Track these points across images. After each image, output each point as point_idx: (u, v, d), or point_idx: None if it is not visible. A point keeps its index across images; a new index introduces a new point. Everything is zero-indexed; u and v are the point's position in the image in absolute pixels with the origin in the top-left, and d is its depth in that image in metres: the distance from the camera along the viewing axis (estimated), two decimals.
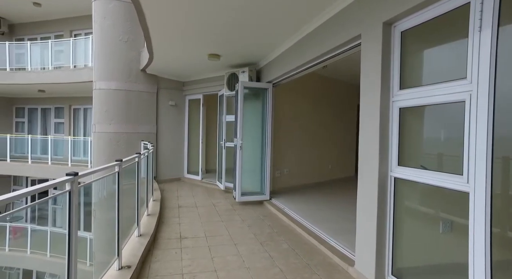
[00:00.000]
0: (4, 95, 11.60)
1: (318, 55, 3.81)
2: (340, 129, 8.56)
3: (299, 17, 3.83)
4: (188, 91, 8.37)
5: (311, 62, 4.14)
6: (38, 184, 1.58)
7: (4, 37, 11.55)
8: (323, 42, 3.66)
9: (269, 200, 5.96)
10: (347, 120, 8.86)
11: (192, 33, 4.72)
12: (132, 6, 7.17)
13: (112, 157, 7.23)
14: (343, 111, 8.67)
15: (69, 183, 1.85)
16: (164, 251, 3.55)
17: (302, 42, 4.30)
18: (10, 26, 11.85)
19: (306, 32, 4.12)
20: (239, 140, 5.85)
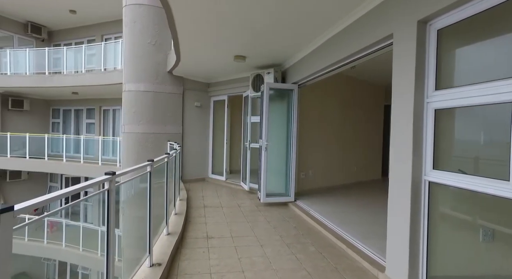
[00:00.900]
0: (43, 97, 12.33)
1: (346, 56, 3.73)
2: (367, 131, 8.36)
3: (327, 17, 3.77)
4: (213, 92, 8.49)
5: (339, 63, 4.07)
6: (81, 183, 1.66)
7: (44, 44, 12.28)
8: (352, 42, 3.59)
9: (293, 202, 5.92)
10: (374, 121, 8.64)
11: (220, 36, 4.78)
12: (160, 10, 7.41)
13: (140, 157, 7.48)
14: (370, 112, 8.46)
15: (107, 182, 1.92)
16: (192, 250, 3.62)
17: (330, 43, 4.23)
18: (49, 33, 12.60)
19: (334, 32, 4.05)
20: (264, 141, 5.85)
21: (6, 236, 1.06)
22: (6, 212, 1.06)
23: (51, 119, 13.04)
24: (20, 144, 10.74)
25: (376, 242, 3.62)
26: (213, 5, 3.61)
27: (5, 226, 1.06)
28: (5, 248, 1.06)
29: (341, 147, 7.65)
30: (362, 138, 8.20)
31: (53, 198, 1.33)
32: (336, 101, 7.47)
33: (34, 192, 12.32)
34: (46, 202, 1.28)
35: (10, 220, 1.08)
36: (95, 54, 10.37)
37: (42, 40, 12.44)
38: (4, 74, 10.79)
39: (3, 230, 1.05)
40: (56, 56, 10.76)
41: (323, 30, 4.21)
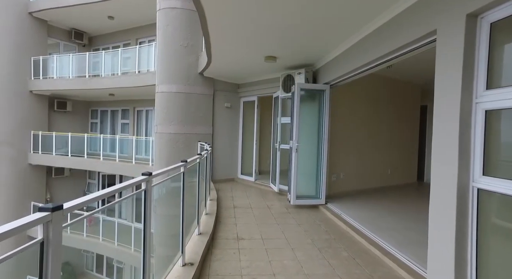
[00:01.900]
0: (83, 99, 13.07)
1: (383, 54, 3.57)
2: (401, 132, 7.99)
3: (362, 15, 3.64)
4: (243, 93, 8.53)
5: (375, 62, 3.90)
6: (118, 182, 1.71)
7: (85, 49, 13.04)
8: (390, 40, 3.43)
9: (324, 205, 5.78)
10: (410, 122, 8.25)
11: (251, 37, 4.78)
12: (192, 13, 7.57)
13: (171, 157, 7.68)
14: (405, 112, 8.09)
15: (144, 182, 1.96)
16: (223, 250, 3.64)
17: (365, 41, 4.08)
18: (90, 38, 13.36)
19: (370, 30, 3.89)
20: (295, 143, 5.77)
21: (57, 232, 1.11)
22: (57, 211, 1.10)
23: (90, 119, 13.79)
24: (63, 143, 11.45)
25: (414, 250, 3.43)
26: (245, 6, 3.61)
27: (56, 223, 1.10)
28: (57, 242, 1.11)
29: (375, 149, 7.37)
30: (396, 140, 7.85)
31: (96, 198, 1.38)
32: (369, 101, 7.21)
33: (74, 188, 13.11)
34: (90, 201, 1.33)
35: (60, 217, 1.13)
36: (130, 57, 10.81)
37: (84, 45, 13.20)
38: (51, 78, 11.57)
39: (55, 227, 1.09)
40: (95, 60, 11.36)
41: (359, 28, 4.06)
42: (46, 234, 1.08)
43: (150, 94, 8.97)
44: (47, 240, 1.08)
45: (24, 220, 0.98)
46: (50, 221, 1.07)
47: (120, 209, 12.24)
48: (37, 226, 1.05)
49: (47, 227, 1.07)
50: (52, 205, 1.09)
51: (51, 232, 1.08)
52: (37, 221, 1.02)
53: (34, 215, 1.03)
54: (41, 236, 1.07)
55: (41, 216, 1.04)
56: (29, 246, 1.02)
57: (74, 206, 1.20)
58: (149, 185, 2.00)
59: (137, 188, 1.98)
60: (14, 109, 11.41)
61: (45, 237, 1.08)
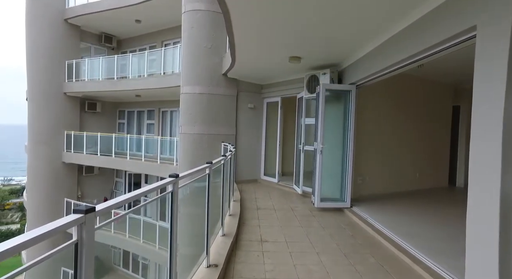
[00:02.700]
0: (111, 100, 13.57)
1: (415, 53, 3.41)
2: (431, 133, 7.65)
3: (394, 10, 3.50)
4: (266, 94, 8.50)
5: (406, 61, 3.73)
6: (148, 181, 1.73)
7: (114, 52, 13.55)
8: (423, 37, 3.25)
9: (350, 208, 5.63)
10: (441, 123, 7.88)
11: (276, 38, 4.75)
12: (216, 15, 7.64)
13: (195, 157, 7.78)
14: (436, 113, 7.74)
15: (171, 184, 1.98)
16: (247, 252, 3.62)
17: (395, 39, 3.92)
18: (118, 42, 13.86)
19: (401, 27, 3.72)
20: (320, 144, 5.67)
21: (90, 234, 1.12)
22: (90, 213, 1.11)
23: (118, 119, 14.29)
24: (93, 142, 11.94)
25: (448, 260, 3.24)
26: (271, 6, 3.58)
27: (89, 225, 1.12)
28: (90, 243, 1.13)
29: (403, 152, 7.10)
30: (426, 142, 7.52)
31: (126, 200, 1.39)
32: (397, 101, 6.96)
33: (103, 186, 13.64)
34: (120, 203, 1.34)
35: (93, 219, 1.14)
36: (155, 59, 11.10)
37: (113, 48, 13.71)
38: (82, 80, 12.11)
39: (88, 229, 1.11)
40: (123, 62, 11.77)
41: (390, 24, 3.87)
42: (80, 235, 1.09)
43: (174, 95, 9.16)
44: (81, 241, 1.10)
45: (59, 222, 0.99)
46: (83, 223, 1.09)
47: (146, 208, 12.58)
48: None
49: (80, 229, 1.09)
50: (85, 207, 1.10)
51: (85, 234, 1.10)
52: (71, 223, 1.04)
53: (68, 217, 1.05)
54: (75, 237, 1.09)
55: (76, 218, 1.05)
56: (64, 247, 1.04)
57: (106, 208, 1.22)
58: (176, 187, 2.01)
59: (164, 189, 1.99)
60: (50, 110, 12.05)
61: (79, 239, 1.09)
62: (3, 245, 0.79)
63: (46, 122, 12.07)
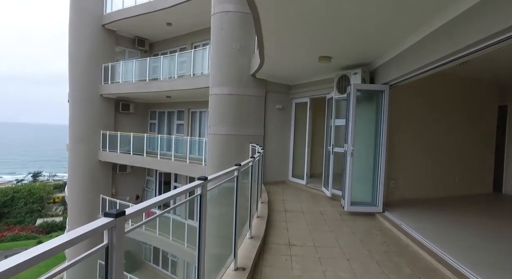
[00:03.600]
0: (143, 101, 14.09)
1: (459, 49, 3.16)
2: (473, 135, 7.14)
3: (432, 6, 3.27)
4: (295, 95, 8.39)
5: (447, 59, 3.48)
6: (183, 186, 1.72)
7: (146, 54, 14.04)
8: (469, 31, 3.00)
9: (381, 213, 5.39)
10: (484, 124, 7.34)
11: (305, 37, 4.65)
12: (245, 15, 7.65)
13: (224, 157, 7.84)
14: (478, 113, 7.21)
15: (200, 187, 1.96)
16: (274, 256, 3.56)
17: (435, 35, 3.67)
18: (150, 44, 14.36)
19: (443, 22, 3.45)
20: (350, 146, 5.48)
21: (120, 237, 1.12)
22: (120, 217, 1.11)
23: (149, 120, 14.79)
24: (126, 142, 12.44)
25: (499, 277, 2.97)
26: (300, 5, 3.49)
27: (120, 228, 1.12)
28: (120, 247, 1.13)
29: (440, 154, 6.69)
30: (467, 145, 7.04)
31: (156, 203, 1.39)
32: (434, 101, 6.58)
33: (135, 184, 14.18)
34: (149, 207, 1.34)
35: (123, 223, 1.14)
36: (185, 61, 11.34)
37: (145, 51, 14.22)
38: (117, 82, 12.68)
39: (118, 232, 1.11)
40: (155, 64, 12.15)
41: (429, 19, 3.62)
42: (111, 239, 1.10)
43: (204, 96, 9.29)
44: (111, 245, 1.10)
45: (90, 226, 1.00)
46: (114, 227, 1.09)
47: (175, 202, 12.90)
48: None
49: (111, 233, 1.09)
50: (115, 211, 1.10)
51: (115, 238, 1.10)
52: (102, 227, 1.04)
53: (99, 221, 1.05)
54: (106, 241, 1.09)
55: (106, 222, 1.05)
56: (95, 251, 1.04)
57: (135, 212, 1.22)
58: (204, 190, 2.00)
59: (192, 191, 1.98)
60: (88, 111, 12.73)
61: (109, 242, 1.10)
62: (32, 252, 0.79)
63: (84, 122, 12.77)
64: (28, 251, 0.80)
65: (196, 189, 1.94)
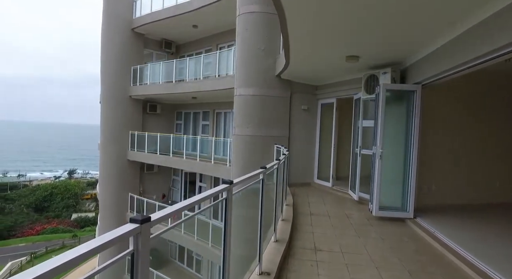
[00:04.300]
0: (170, 102, 14.42)
1: (506, 44, 2.91)
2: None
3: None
4: (320, 95, 8.22)
5: (490, 55, 3.22)
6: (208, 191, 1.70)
7: (173, 56, 14.36)
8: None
9: (413, 219, 5.13)
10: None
11: (332, 37, 4.53)
12: (270, 16, 7.60)
13: (248, 158, 7.83)
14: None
15: (225, 191, 1.93)
16: (300, 261, 3.47)
17: (478, 29, 3.39)
18: (177, 47, 14.68)
19: (487, 15, 3.19)
20: (379, 148, 5.27)
21: (145, 243, 1.11)
22: (145, 223, 1.10)
23: (175, 120, 15.12)
24: (153, 142, 12.78)
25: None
26: (327, 4, 3.38)
27: (145, 235, 1.10)
28: (145, 253, 1.11)
29: (478, 157, 6.26)
30: (508, 146, 6.53)
31: (181, 209, 1.37)
32: (472, 101, 6.16)
33: (162, 183, 14.55)
34: (174, 212, 1.33)
35: (148, 229, 1.13)
36: (211, 62, 11.46)
37: (172, 53, 14.56)
38: (145, 84, 13.08)
39: (144, 238, 1.10)
40: (181, 66, 12.39)
41: (471, 12, 3.38)
42: (136, 245, 1.08)
43: (228, 97, 9.34)
44: (136, 251, 1.09)
45: (116, 233, 0.99)
46: (139, 233, 1.07)
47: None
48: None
49: (136, 239, 1.08)
50: (141, 217, 1.09)
51: (140, 244, 1.09)
52: (128, 233, 1.03)
53: (125, 227, 1.04)
54: (131, 247, 1.08)
55: (132, 228, 1.04)
56: (121, 257, 1.03)
57: (161, 218, 1.20)
58: (230, 193, 1.96)
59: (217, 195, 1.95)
60: (118, 112, 13.23)
61: (135, 248, 1.09)
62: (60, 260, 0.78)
63: (114, 123, 13.27)
64: (55, 259, 0.79)
65: (221, 193, 1.91)
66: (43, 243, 30.79)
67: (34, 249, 28.83)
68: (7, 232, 33.28)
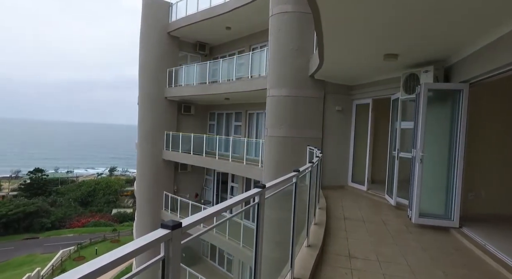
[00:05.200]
0: (203, 103, 14.74)
1: None
2: None
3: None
4: (356, 96, 7.93)
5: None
6: (241, 195, 1.66)
7: (206, 58, 14.69)
8: None
9: (458, 228, 4.75)
10: None
11: (369, 35, 4.33)
12: (303, 15, 7.47)
13: (281, 160, 7.75)
14: None
15: (257, 195, 1.89)
16: (333, 268, 3.34)
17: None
18: (210, 48, 14.97)
19: None
20: (420, 152, 4.95)
21: (176, 250, 1.10)
22: (176, 229, 1.08)
23: (208, 121, 15.41)
24: (187, 142, 13.12)
25: None
26: (365, 1, 3.21)
27: (176, 241, 1.09)
28: (176, 259, 1.10)
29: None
30: None
31: (213, 214, 1.34)
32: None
33: (195, 182, 14.90)
34: (206, 218, 1.30)
35: (179, 235, 1.11)
36: (243, 63, 11.52)
37: (205, 55, 14.87)
38: (180, 85, 13.48)
39: (175, 245, 1.08)
40: (214, 67, 12.60)
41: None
42: (167, 252, 1.07)
43: (261, 98, 9.32)
44: (167, 257, 1.08)
45: (147, 239, 0.98)
46: (170, 239, 1.06)
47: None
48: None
49: (167, 246, 1.06)
50: (172, 223, 1.07)
51: (171, 251, 1.07)
52: (159, 239, 1.02)
53: (156, 233, 1.02)
54: (162, 253, 1.07)
55: (163, 235, 1.03)
56: (152, 263, 1.02)
57: (192, 224, 1.18)
58: (262, 198, 1.92)
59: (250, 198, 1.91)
60: (154, 113, 13.77)
61: (166, 255, 1.07)
62: (91, 266, 0.78)
63: (151, 123, 13.83)
64: (88, 264, 0.79)
65: (253, 197, 1.86)
66: (87, 234, 33.22)
67: (80, 240, 31.22)
68: (58, 223, 36.51)
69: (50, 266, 25.64)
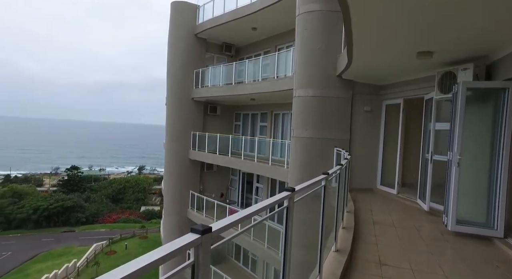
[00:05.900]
0: (229, 103, 14.86)
1: None
2: None
3: None
4: (385, 96, 7.63)
5: None
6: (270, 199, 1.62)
7: (232, 59, 14.80)
8: None
9: (503, 239, 4.39)
10: None
11: (402, 32, 4.13)
12: (330, 14, 7.31)
13: (307, 161, 7.63)
14: None
15: (286, 199, 1.84)
16: (363, 275, 3.21)
17: None
18: (236, 49, 15.07)
19: None
20: (456, 155, 4.66)
21: (206, 255, 1.08)
22: (206, 234, 1.06)
23: (234, 122, 15.51)
24: (213, 142, 13.28)
25: None
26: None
27: (206, 246, 1.07)
28: (206, 264, 1.08)
29: None
30: None
31: (242, 219, 1.32)
32: None
33: (220, 182, 15.05)
34: (236, 223, 1.28)
35: (209, 240, 1.09)
36: (269, 64, 11.47)
37: (231, 56, 14.99)
38: (206, 86, 13.68)
39: (205, 250, 1.06)
40: (240, 68, 12.67)
41: None
42: (197, 257, 1.05)
43: (287, 98, 9.23)
44: (197, 263, 1.06)
45: (177, 244, 0.96)
46: (200, 244, 1.04)
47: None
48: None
49: (197, 250, 1.04)
50: (201, 228, 1.05)
51: (201, 256, 1.05)
52: (189, 245, 1.00)
53: (186, 238, 1.01)
54: (192, 258, 1.05)
55: (193, 240, 1.01)
56: (182, 269, 1.01)
57: (222, 228, 1.16)
58: (291, 201, 1.86)
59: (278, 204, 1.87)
60: (181, 113, 14.08)
61: (195, 260, 1.05)
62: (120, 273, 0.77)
63: (178, 123, 14.14)
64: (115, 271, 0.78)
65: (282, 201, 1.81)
66: (118, 230, 34.85)
67: (111, 235, 32.85)
68: (92, 218, 38.80)
69: (85, 259, 27.20)
